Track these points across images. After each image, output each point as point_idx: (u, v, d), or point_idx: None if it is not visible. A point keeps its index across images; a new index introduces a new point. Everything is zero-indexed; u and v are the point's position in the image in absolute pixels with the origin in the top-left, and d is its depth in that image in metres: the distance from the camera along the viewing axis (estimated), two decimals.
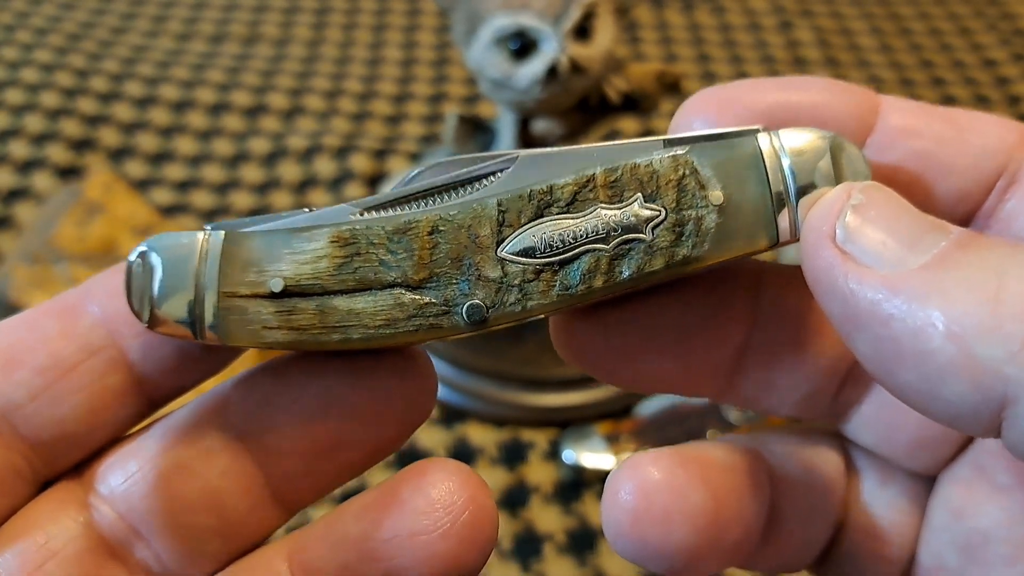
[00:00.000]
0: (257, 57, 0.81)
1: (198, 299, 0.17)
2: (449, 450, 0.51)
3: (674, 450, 0.21)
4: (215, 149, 0.71)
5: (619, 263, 0.18)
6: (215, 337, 0.18)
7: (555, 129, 0.50)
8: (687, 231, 0.18)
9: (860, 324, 0.16)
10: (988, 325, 0.14)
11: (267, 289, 0.18)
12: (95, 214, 0.58)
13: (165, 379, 0.19)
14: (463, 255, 0.18)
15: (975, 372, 0.14)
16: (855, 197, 0.17)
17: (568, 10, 0.43)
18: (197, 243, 0.18)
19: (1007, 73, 0.83)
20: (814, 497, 0.22)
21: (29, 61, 0.76)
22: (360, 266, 0.18)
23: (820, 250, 0.17)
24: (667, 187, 0.18)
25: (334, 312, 0.18)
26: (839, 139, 0.18)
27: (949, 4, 0.94)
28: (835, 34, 0.88)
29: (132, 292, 0.17)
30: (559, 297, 0.18)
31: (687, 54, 0.85)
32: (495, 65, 0.45)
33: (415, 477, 0.19)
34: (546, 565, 0.46)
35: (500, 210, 0.18)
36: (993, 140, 0.19)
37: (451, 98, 0.78)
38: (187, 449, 0.19)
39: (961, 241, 0.16)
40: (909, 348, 0.15)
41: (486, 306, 0.18)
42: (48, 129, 0.70)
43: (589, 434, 0.50)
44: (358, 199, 0.19)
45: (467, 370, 0.53)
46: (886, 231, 0.16)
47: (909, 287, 0.15)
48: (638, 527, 0.19)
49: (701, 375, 0.21)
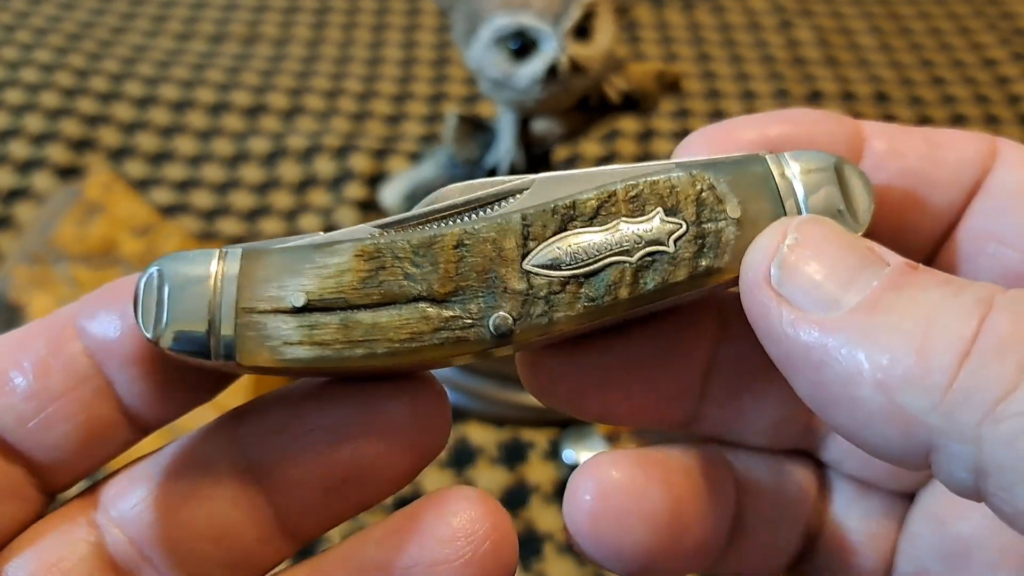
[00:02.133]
0: (257, 57, 0.81)
1: (213, 317, 0.17)
2: (449, 450, 0.51)
3: (636, 452, 0.21)
4: (215, 149, 0.71)
5: (644, 274, 0.18)
6: (230, 357, 0.17)
7: (555, 129, 0.50)
8: (708, 243, 0.18)
9: (795, 367, 0.16)
10: (913, 375, 0.14)
11: (288, 304, 0.17)
12: (95, 214, 0.58)
13: (151, 410, 0.19)
14: (488, 268, 0.18)
15: (901, 420, 0.15)
16: (790, 236, 0.17)
17: (568, 10, 0.43)
18: (213, 260, 0.17)
19: (1007, 72, 0.83)
20: (781, 504, 0.22)
21: (29, 61, 0.76)
22: (385, 280, 0.18)
23: (756, 292, 0.17)
24: (687, 201, 0.18)
25: (358, 326, 0.17)
26: (841, 160, 0.19)
27: (949, 3, 0.93)
28: (835, 33, 0.88)
29: (142, 313, 0.17)
30: (585, 309, 0.18)
31: (687, 54, 0.85)
32: (495, 65, 0.45)
33: (437, 505, 0.19)
34: (546, 565, 0.46)
35: (524, 224, 0.18)
36: (969, 153, 0.20)
37: (451, 98, 0.78)
38: (196, 477, 0.19)
39: (894, 282, 0.16)
40: (840, 394, 0.15)
41: (512, 318, 0.18)
42: (48, 129, 0.70)
43: (589, 434, 0.50)
44: (376, 220, 0.19)
45: (467, 370, 0.53)
46: (819, 271, 0.16)
47: (839, 333, 0.15)
48: (596, 527, 0.20)
49: (668, 403, 0.21)
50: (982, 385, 0.14)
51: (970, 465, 0.14)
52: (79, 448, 0.19)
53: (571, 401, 0.21)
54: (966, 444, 0.14)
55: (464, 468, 0.50)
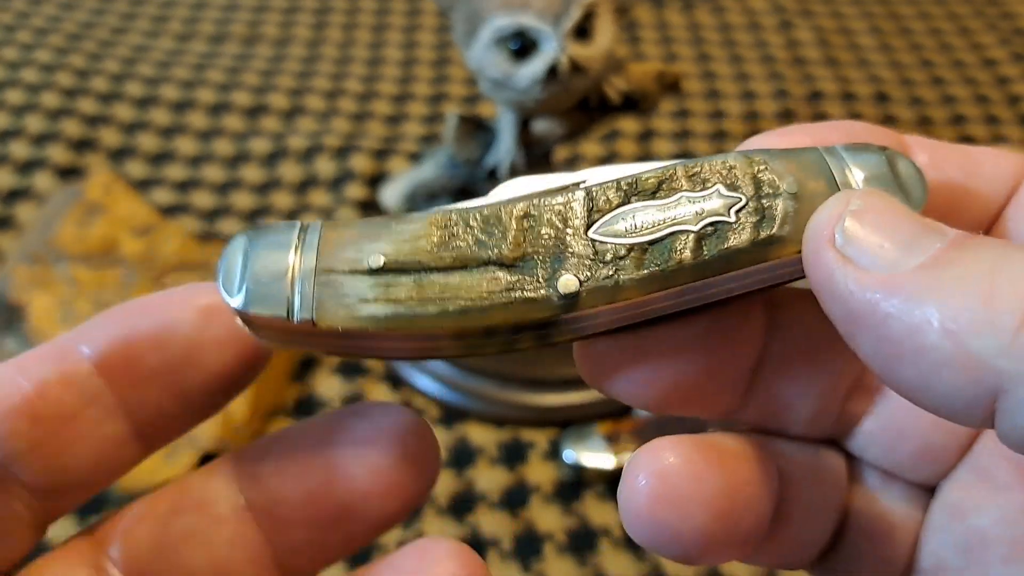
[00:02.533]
0: (257, 57, 0.81)
1: (294, 278, 0.18)
2: (449, 450, 0.51)
3: (691, 437, 0.21)
4: (215, 149, 0.71)
5: (706, 242, 0.19)
6: (309, 316, 0.18)
7: (555, 129, 0.50)
8: (767, 214, 0.19)
9: (860, 324, 0.16)
10: (981, 320, 0.15)
11: (366, 265, 0.18)
12: (95, 214, 0.58)
13: (160, 425, 0.19)
14: (555, 236, 0.19)
15: (969, 366, 0.15)
16: (854, 203, 0.18)
17: (568, 10, 0.43)
18: (295, 229, 0.19)
19: (1007, 73, 0.83)
20: (818, 493, 0.22)
21: (29, 61, 0.76)
22: (457, 244, 0.19)
23: (820, 254, 0.17)
24: (745, 178, 0.19)
25: (432, 285, 0.18)
26: (891, 150, 0.19)
27: (949, 4, 0.94)
28: (835, 34, 0.88)
29: (227, 275, 0.18)
30: (650, 274, 0.19)
31: (687, 54, 0.85)
32: (495, 65, 0.45)
33: (417, 557, 0.19)
34: (546, 565, 0.46)
35: (589, 197, 0.19)
36: (1004, 169, 0.21)
37: (451, 98, 0.78)
38: (197, 517, 0.19)
39: (956, 241, 0.16)
40: (907, 346, 0.16)
41: (580, 280, 0.18)
42: (48, 129, 0.70)
43: (589, 434, 0.50)
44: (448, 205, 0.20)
45: (467, 370, 0.53)
46: (883, 235, 0.17)
47: (905, 287, 0.16)
48: (655, 511, 0.19)
49: (716, 393, 0.22)
50: None
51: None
52: (87, 469, 0.19)
53: (621, 387, 0.21)
54: None
55: (464, 468, 0.50)
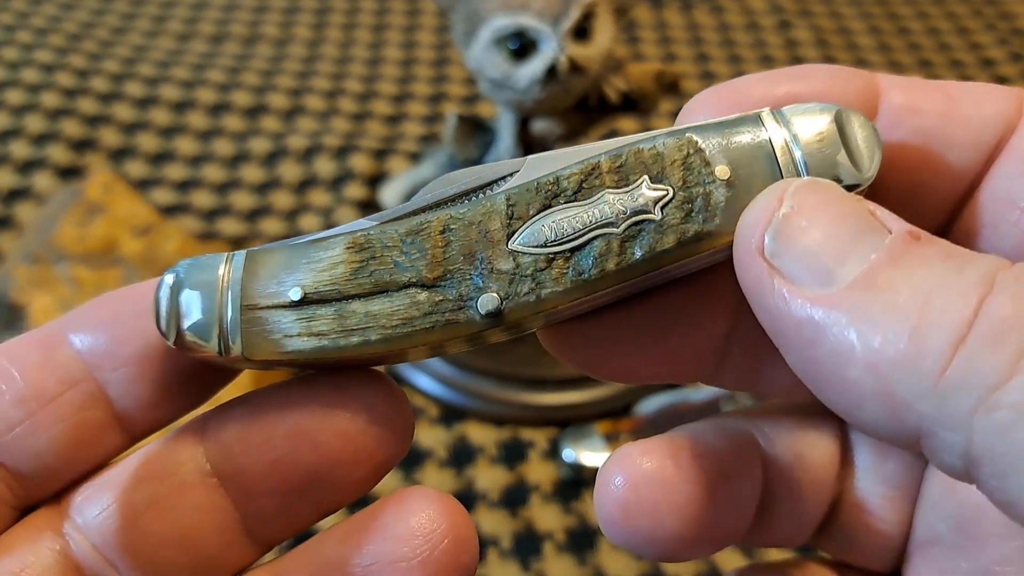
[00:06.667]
0: (257, 57, 0.81)
1: (220, 316, 0.18)
2: (449, 449, 0.51)
3: (665, 439, 0.20)
4: (215, 149, 0.71)
5: (631, 244, 0.18)
6: (239, 353, 0.18)
7: (555, 129, 0.50)
8: (696, 207, 0.18)
9: (787, 342, 0.16)
10: (906, 358, 0.14)
11: (287, 299, 0.18)
12: (95, 214, 0.58)
13: (144, 414, 0.19)
14: (475, 251, 0.18)
15: (891, 404, 0.14)
16: (786, 204, 0.16)
17: (567, 10, 0.43)
18: (221, 263, 0.18)
19: (1005, 72, 0.83)
20: (807, 478, 0.22)
21: (29, 61, 0.77)
22: (375, 269, 0.18)
23: (749, 263, 0.16)
24: (673, 167, 0.18)
25: (352, 315, 0.18)
26: (846, 111, 0.18)
27: (947, 3, 0.94)
28: (833, 33, 0.88)
29: (159, 314, 0.18)
30: (573, 284, 0.18)
31: (686, 54, 0.85)
32: (495, 65, 0.45)
33: (396, 504, 0.19)
34: (546, 564, 0.46)
35: (509, 204, 0.18)
36: (990, 110, 0.19)
37: (451, 98, 0.78)
38: (161, 484, 0.19)
39: (893, 254, 0.15)
40: (831, 373, 0.15)
41: (500, 298, 0.18)
42: (48, 129, 0.70)
43: (589, 433, 0.50)
44: (374, 215, 0.19)
45: (467, 369, 0.53)
46: (815, 242, 0.16)
47: (833, 310, 0.15)
48: (628, 519, 0.20)
49: (687, 363, 0.21)
50: (976, 372, 0.13)
51: (961, 453, 0.14)
52: (67, 453, 0.19)
53: (591, 362, 0.21)
54: (958, 432, 0.14)
55: (464, 467, 0.50)
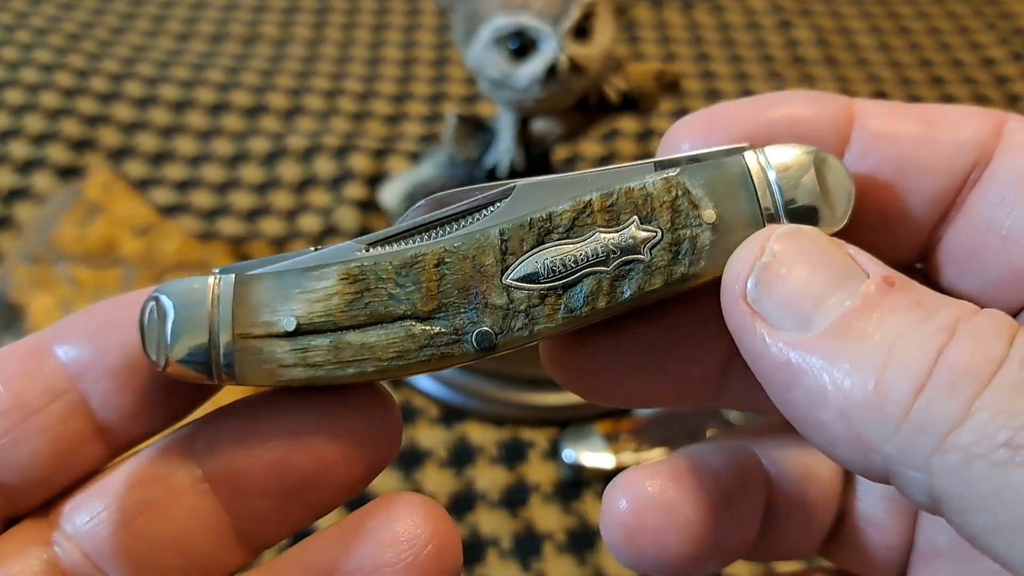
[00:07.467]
0: (257, 57, 0.81)
1: (212, 343, 0.18)
2: (449, 449, 0.51)
3: (667, 462, 0.21)
4: (215, 149, 0.71)
5: (620, 284, 0.19)
6: (231, 379, 0.18)
7: (555, 129, 0.50)
8: (683, 249, 0.19)
9: (768, 383, 0.17)
10: (871, 404, 0.15)
11: (281, 329, 0.18)
12: (95, 214, 0.58)
13: (127, 426, 0.19)
14: (470, 285, 0.19)
15: (860, 447, 0.15)
16: (767, 252, 0.17)
17: (567, 10, 0.43)
18: (208, 288, 0.18)
19: (1006, 72, 0.83)
20: (811, 494, 0.22)
21: (29, 61, 0.76)
22: (370, 301, 0.18)
23: (733, 307, 0.17)
24: (661, 208, 0.19)
25: (348, 347, 0.18)
26: (822, 153, 0.19)
27: (948, 3, 0.94)
28: (834, 33, 0.88)
29: (147, 339, 0.18)
30: (564, 320, 0.19)
31: (686, 53, 0.85)
32: (495, 65, 0.45)
33: (382, 510, 0.19)
34: (546, 564, 0.46)
35: (503, 239, 0.19)
36: (966, 134, 0.19)
37: (451, 98, 0.78)
38: (153, 488, 0.19)
39: (867, 302, 0.16)
40: (808, 415, 0.16)
41: (494, 332, 0.18)
42: (48, 129, 0.70)
43: (589, 433, 0.50)
44: (361, 236, 0.19)
45: (467, 370, 0.53)
46: (794, 290, 0.17)
47: (808, 354, 0.16)
48: (633, 543, 0.20)
49: (691, 387, 0.22)
50: (934, 418, 0.14)
51: (926, 491, 0.15)
52: (50, 464, 0.19)
53: (593, 389, 0.22)
54: (920, 472, 0.15)
55: (464, 467, 0.50)
